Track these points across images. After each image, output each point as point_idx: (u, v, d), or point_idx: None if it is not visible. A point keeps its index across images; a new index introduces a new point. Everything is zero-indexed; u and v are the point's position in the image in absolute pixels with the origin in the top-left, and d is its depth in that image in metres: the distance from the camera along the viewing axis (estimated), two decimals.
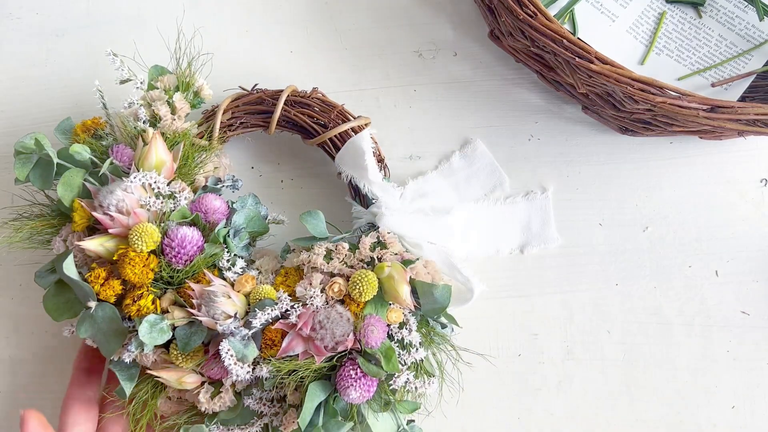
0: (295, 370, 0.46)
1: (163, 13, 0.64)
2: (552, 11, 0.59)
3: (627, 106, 0.51)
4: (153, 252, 0.47)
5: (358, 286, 0.47)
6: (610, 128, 0.59)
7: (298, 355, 0.47)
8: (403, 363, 0.47)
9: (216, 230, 0.49)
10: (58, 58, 0.64)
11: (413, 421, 0.50)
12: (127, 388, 0.48)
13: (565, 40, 0.48)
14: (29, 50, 0.64)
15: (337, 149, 0.54)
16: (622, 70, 0.47)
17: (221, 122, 0.54)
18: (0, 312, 0.59)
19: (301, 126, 0.55)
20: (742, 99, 0.59)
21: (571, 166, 0.59)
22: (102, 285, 0.47)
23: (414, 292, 0.49)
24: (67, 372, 0.53)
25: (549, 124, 0.60)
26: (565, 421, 0.56)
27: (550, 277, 0.58)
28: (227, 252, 0.49)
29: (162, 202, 0.48)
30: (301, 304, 0.48)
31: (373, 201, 0.53)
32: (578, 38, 0.49)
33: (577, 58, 0.48)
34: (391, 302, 0.48)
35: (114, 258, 0.47)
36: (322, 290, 0.48)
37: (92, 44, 0.64)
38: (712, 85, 0.59)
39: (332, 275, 0.49)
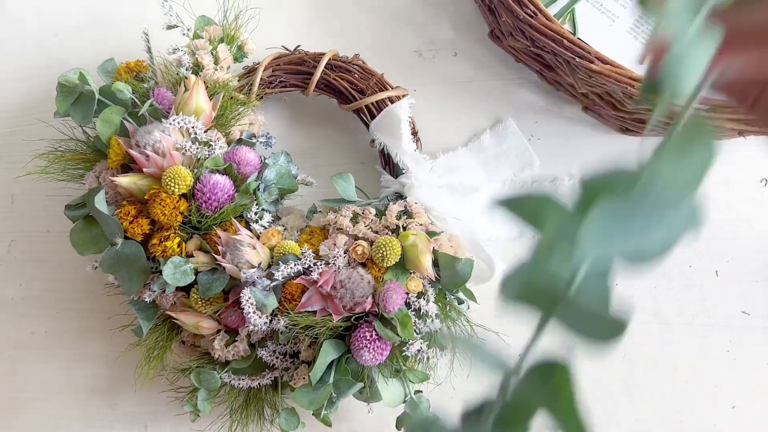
0: (311, 326, 0.46)
1: None
2: (552, 11, 0.59)
3: (627, 106, 0.51)
4: (184, 195, 0.48)
5: (381, 251, 0.47)
6: (610, 128, 0.59)
7: (315, 312, 0.47)
8: (418, 332, 0.48)
9: (247, 182, 0.50)
10: (58, 58, 0.63)
11: (421, 391, 0.50)
12: (145, 327, 0.49)
13: (565, 40, 0.48)
14: (29, 50, 0.64)
15: (373, 117, 0.54)
16: (622, 70, 0.47)
17: (261, 78, 0.55)
18: None
19: (339, 90, 0.55)
20: None
21: (571, 166, 0.59)
22: (131, 222, 0.47)
23: (435, 264, 0.49)
24: (67, 371, 0.52)
25: (549, 124, 0.60)
26: None
27: None
28: (256, 205, 0.50)
29: (197, 148, 0.49)
30: (323, 262, 0.48)
31: (404, 171, 0.53)
32: (578, 38, 0.49)
33: (577, 58, 0.48)
34: (412, 271, 0.49)
35: (145, 197, 0.48)
36: (346, 251, 0.49)
37: (92, 44, 0.63)
38: None
39: (356, 238, 0.50)
